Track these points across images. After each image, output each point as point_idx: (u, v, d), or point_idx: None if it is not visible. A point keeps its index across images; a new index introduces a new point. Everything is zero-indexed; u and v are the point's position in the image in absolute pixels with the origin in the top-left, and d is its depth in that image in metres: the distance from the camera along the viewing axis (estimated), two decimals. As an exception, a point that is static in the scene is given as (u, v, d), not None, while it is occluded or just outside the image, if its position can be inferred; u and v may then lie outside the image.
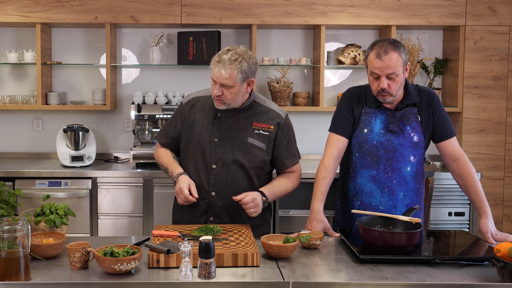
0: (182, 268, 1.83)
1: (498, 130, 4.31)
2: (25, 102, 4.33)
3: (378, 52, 2.37)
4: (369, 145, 2.49)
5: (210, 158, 2.47)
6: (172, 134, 2.60)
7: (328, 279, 1.87)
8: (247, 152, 2.48)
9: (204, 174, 2.48)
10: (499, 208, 4.31)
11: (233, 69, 2.35)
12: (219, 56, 2.38)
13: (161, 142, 2.65)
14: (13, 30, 4.46)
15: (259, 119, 2.51)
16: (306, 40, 4.57)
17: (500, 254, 1.82)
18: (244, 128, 2.49)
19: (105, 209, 3.91)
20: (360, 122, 2.52)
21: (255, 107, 2.53)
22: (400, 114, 2.49)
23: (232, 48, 2.40)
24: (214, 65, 2.38)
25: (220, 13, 4.20)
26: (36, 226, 2.20)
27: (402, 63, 2.38)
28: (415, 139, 2.48)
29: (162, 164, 2.59)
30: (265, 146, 2.50)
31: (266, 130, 2.50)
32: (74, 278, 1.85)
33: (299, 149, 2.68)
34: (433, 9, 4.24)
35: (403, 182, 2.49)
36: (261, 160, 2.51)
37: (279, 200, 3.90)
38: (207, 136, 2.49)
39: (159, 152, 2.65)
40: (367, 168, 2.51)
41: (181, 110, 2.58)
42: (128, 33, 4.52)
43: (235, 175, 2.48)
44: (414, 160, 2.49)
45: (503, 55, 4.28)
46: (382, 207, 2.50)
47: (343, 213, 2.65)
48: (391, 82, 2.38)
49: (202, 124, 2.51)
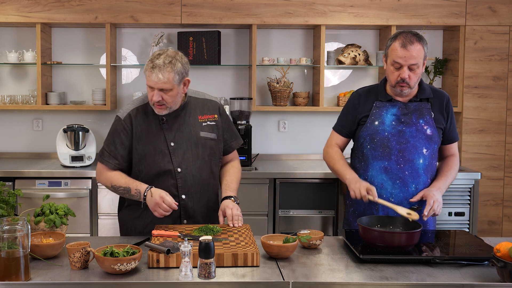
0: (182, 268, 1.83)
1: (498, 130, 4.31)
2: (25, 102, 4.33)
3: (403, 41, 2.40)
4: (381, 137, 2.51)
5: (173, 162, 2.45)
6: (122, 152, 2.47)
7: (328, 279, 1.87)
8: (204, 146, 2.50)
9: (170, 180, 2.46)
10: (499, 208, 4.31)
11: (170, 72, 2.32)
12: (152, 62, 2.34)
13: (110, 166, 2.48)
14: (13, 30, 4.46)
15: (201, 112, 2.54)
16: (306, 40, 4.57)
17: (500, 254, 1.82)
18: (192, 125, 2.50)
19: (105, 209, 3.90)
20: (371, 116, 2.55)
21: (192, 101, 2.55)
22: (414, 107, 2.52)
23: (162, 52, 2.38)
24: (149, 72, 2.34)
25: (220, 13, 4.20)
26: (36, 226, 2.20)
27: (423, 56, 2.43)
28: (428, 132, 2.50)
29: (119, 185, 2.43)
30: (216, 135, 2.54)
31: (212, 120, 2.55)
32: (74, 278, 1.85)
33: (299, 149, 2.69)
34: (433, 9, 4.24)
35: (416, 175, 2.50)
36: (218, 150, 2.56)
37: (279, 200, 3.91)
38: (162, 143, 2.45)
39: (110, 176, 2.47)
40: (379, 159, 2.52)
41: (122, 126, 2.47)
42: (128, 33, 4.52)
43: (200, 173, 2.49)
44: (427, 153, 2.51)
45: (503, 55, 4.28)
46: (393, 199, 2.49)
47: (352, 210, 2.65)
48: (411, 73, 2.43)
49: (152, 133, 2.46)
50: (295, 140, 4.58)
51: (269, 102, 4.54)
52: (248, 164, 4.04)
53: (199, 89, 2.66)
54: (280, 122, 4.60)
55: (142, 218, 2.51)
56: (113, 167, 2.48)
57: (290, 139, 4.59)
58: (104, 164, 2.49)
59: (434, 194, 2.42)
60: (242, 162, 4.01)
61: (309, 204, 3.92)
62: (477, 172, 3.94)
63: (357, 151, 2.62)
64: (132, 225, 2.54)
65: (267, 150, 4.60)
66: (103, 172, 2.50)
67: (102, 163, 2.50)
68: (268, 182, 3.92)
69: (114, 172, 2.48)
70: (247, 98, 4.17)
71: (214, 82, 4.55)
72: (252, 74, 4.27)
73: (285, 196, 3.92)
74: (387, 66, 2.50)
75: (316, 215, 3.92)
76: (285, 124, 4.59)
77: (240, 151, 4.05)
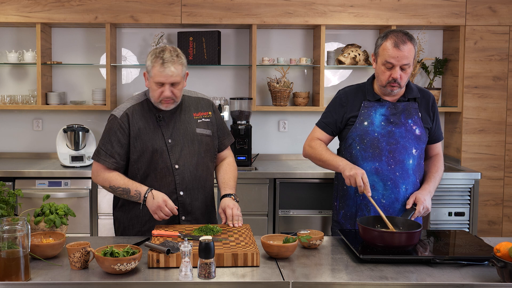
0: (182, 268, 1.83)
1: (498, 130, 4.31)
2: (25, 102, 4.33)
3: (395, 41, 2.38)
4: (370, 137, 2.50)
5: (171, 159, 2.46)
6: (119, 150, 2.45)
7: (328, 279, 1.88)
8: (200, 143, 2.52)
9: (169, 177, 2.46)
10: (499, 208, 4.31)
11: (179, 64, 2.38)
12: (161, 57, 2.35)
13: (107, 165, 2.45)
14: (13, 30, 4.46)
15: (196, 109, 2.56)
16: (306, 40, 4.57)
17: (500, 254, 1.82)
18: (187, 121, 2.52)
19: (105, 209, 3.90)
20: (360, 116, 2.53)
21: (186, 99, 2.57)
22: (402, 107, 2.51)
23: (163, 48, 2.40)
24: (160, 67, 2.34)
25: (220, 13, 4.20)
26: (36, 226, 2.20)
27: (414, 55, 2.42)
28: (417, 132, 2.50)
29: (118, 186, 2.41)
30: (211, 132, 2.56)
31: (206, 117, 2.57)
32: (74, 278, 1.85)
33: (299, 149, 2.69)
34: (433, 9, 4.24)
35: (406, 175, 2.49)
36: (213, 146, 2.58)
37: (279, 200, 3.91)
38: (159, 140, 2.46)
39: (108, 177, 2.44)
40: (369, 160, 2.50)
41: (119, 125, 2.45)
42: (128, 33, 4.52)
43: (196, 169, 2.50)
44: (416, 153, 2.50)
45: (503, 55, 4.28)
46: (384, 201, 2.49)
47: (344, 212, 2.64)
48: (403, 73, 2.42)
49: (150, 130, 2.47)
50: (295, 140, 4.58)
51: (269, 102, 4.54)
52: (248, 164, 4.04)
53: (199, 89, 2.68)
54: (280, 122, 4.60)
55: (139, 217, 2.51)
56: (110, 166, 2.45)
57: (290, 139, 4.60)
58: (100, 163, 2.46)
59: (426, 199, 2.44)
60: (242, 162, 4.02)
61: (309, 204, 3.92)
62: (477, 172, 3.94)
63: (345, 151, 2.59)
64: (129, 224, 2.54)
65: (267, 150, 4.60)
66: (100, 172, 2.48)
67: (98, 162, 2.47)
68: (268, 182, 3.92)
69: (112, 173, 2.45)
70: (247, 98, 4.17)
71: (214, 82, 4.55)
72: (252, 74, 4.27)
73: (285, 196, 3.92)
74: (377, 66, 2.47)
75: (316, 215, 3.92)
76: (285, 124, 4.60)
77: (240, 151, 4.08)
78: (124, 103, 2.56)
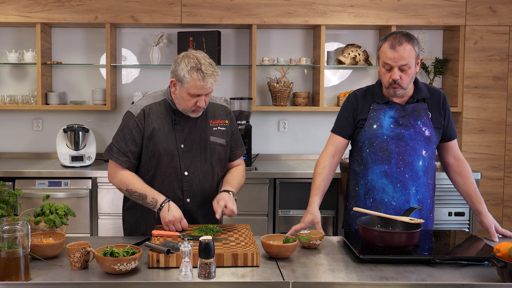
0: (182, 268, 1.83)
1: (498, 130, 4.31)
2: (25, 102, 4.33)
3: (392, 43, 2.39)
4: (380, 140, 2.49)
5: (181, 165, 2.42)
6: (133, 149, 2.40)
7: (328, 279, 1.87)
8: (212, 151, 2.47)
9: (176, 183, 2.43)
10: (499, 208, 4.31)
11: (217, 74, 2.35)
12: (199, 70, 2.28)
13: (122, 164, 2.40)
14: (13, 30, 4.46)
15: (212, 117, 2.50)
16: (306, 40, 4.58)
17: (500, 254, 1.82)
18: (203, 128, 2.46)
19: (105, 209, 3.91)
20: (369, 119, 2.52)
21: None
22: (411, 109, 2.50)
23: (198, 57, 2.33)
24: (201, 81, 2.29)
25: (220, 13, 4.20)
26: (36, 226, 2.20)
27: (414, 56, 2.40)
28: (426, 134, 2.49)
29: (135, 191, 2.36)
30: (225, 141, 2.51)
31: (222, 125, 2.52)
32: (74, 278, 1.85)
33: (299, 149, 2.67)
34: (433, 9, 4.24)
35: (416, 177, 2.49)
36: (224, 156, 2.53)
37: (279, 200, 3.91)
38: (172, 144, 2.41)
39: (125, 177, 2.39)
40: (379, 163, 2.50)
41: (136, 122, 2.40)
42: (128, 33, 4.52)
43: (205, 177, 2.46)
44: (426, 154, 2.49)
45: (503, 55, 4.28)
46: (394, 203, 2.48)
47: (353, 213, 2.64)
48: (403, 74, 2.40)
49: (164, 132, 2.41)
50: (295, 140, 4.58)
51: (269, 102, 4.54)
52: (248, 164, 4.04)
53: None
54: (280, 122, 4.60)
55: (145, 219, 2.50)
56: (122, 164, 2.40)
57: (290, 139, 4.60)
58: (113, 160, 2.41)
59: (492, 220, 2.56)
60: (242, 162, 4.02)
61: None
62: (477, 172, 3.94)
63: (356, 154, 2.60)
64: (136, 225, 2.53)
65: (267, 150, 4.60)
66: (116, 173, 2.42)
67: (111, 160, 2.42)
68: (268, 182, 3.92)
69: (129, 175, 2.40)
70: (247, 98, 4.17)
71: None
72: (252, 74, 4.27)
73: (285, 196, 3.92)
74: (379, 68, 2.48)
75: (316, 215, 3.91)
76: (285, 124, 4.60)
77: (240, 151, 4.08)
78: (141, 100, 2.49)
